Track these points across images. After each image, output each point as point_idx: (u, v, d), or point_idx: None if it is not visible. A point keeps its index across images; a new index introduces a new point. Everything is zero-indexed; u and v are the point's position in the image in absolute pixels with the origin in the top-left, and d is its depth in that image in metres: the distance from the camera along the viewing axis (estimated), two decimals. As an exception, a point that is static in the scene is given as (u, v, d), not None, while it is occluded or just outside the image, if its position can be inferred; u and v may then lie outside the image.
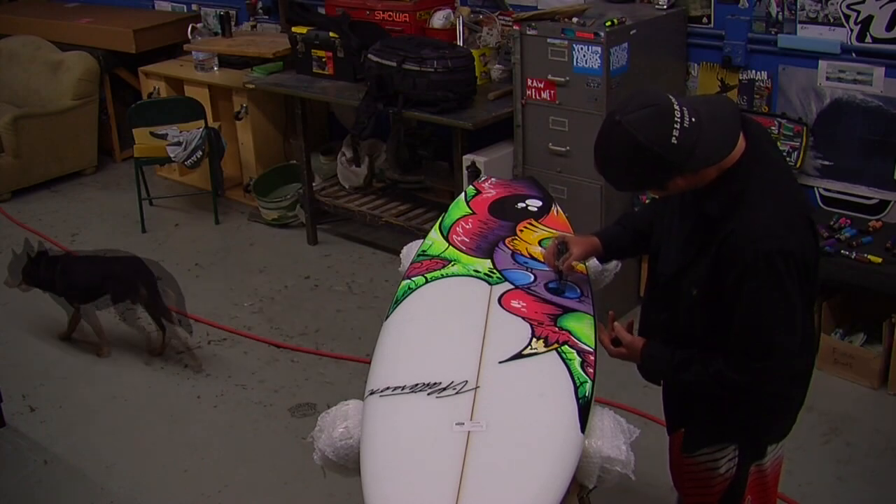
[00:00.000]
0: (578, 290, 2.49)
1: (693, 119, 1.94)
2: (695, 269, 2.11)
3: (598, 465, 1.97)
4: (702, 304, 2.11)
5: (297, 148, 5.20)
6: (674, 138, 1.91)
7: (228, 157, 5.73)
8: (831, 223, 3.91)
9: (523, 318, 2.33)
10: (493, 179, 3.25)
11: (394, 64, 4.30)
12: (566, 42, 3.89)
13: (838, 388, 3.72)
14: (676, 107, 1.94)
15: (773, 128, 4.03)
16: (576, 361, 2.16)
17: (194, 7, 6.62)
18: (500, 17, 4.71)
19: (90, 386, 4.04)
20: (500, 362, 2.16)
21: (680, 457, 2.39)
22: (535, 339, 2.23)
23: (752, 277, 1.97)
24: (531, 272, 2.57)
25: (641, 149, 1.93)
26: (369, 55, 4.45)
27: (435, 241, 2.77)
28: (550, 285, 2.49)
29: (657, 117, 1.93)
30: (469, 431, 1.94)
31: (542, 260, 2.60)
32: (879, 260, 3.62)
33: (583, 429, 1.97)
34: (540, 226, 2.88)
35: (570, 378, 2.10)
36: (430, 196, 4.97)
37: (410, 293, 2.49)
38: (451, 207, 3.00)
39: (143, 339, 4.28)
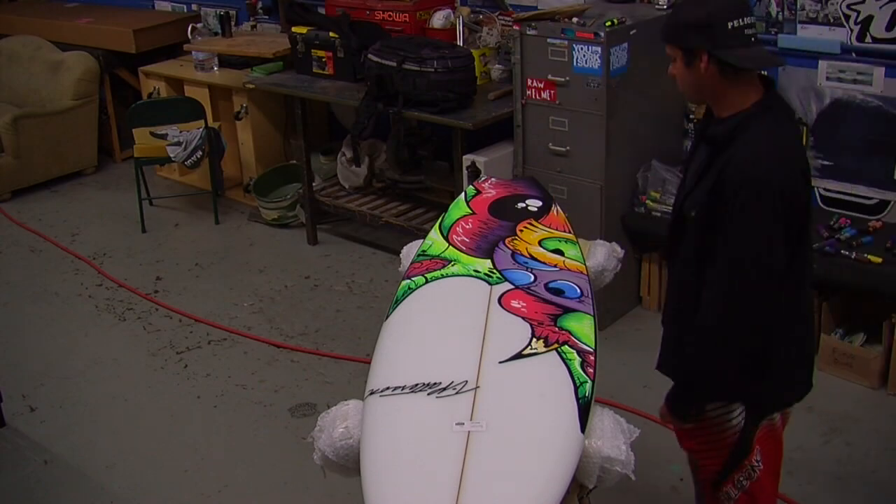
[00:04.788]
0: (578, 290, 2.49)
1: (754, 39, 2.18)
2: (698, 191, 2.24)
3: (598, 465, 1.97)
4: (698, 228, 2.23)
5: (297, 148, 5.20)
6: (731, 25, 2.14)
7: (228, 157, 5.74)
8: (831, 223, 3.91)
9: (523, 318, 2.32)
10: (493, 179, 3.25)
11: (394, 64, 4.30)
12: (566, 42, 3.89)
13: (838, 388, 3.72)
14: (751, 18, 2.18)
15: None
16: (576, 361, 2.15)
17: (194, 7, 6.62)
18: (500, 17, 4.71)
19: (90, 386, 4.03)
20: (500, 362, 2.16)
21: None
22: (535, 339, 2.23)
23: (735, 201, 2.10)
24: (531, 272, 2.57)
25: (704, 6, 2.17)
26: (369, 55, 4.45)
27: (435, 241, 2.77)
28: None
29: (737, 4, 2.18)
30: (469, 431, 1.93)
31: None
32: (879, 260, 3.62)
33: (583, 429, 1.97)
34: (540, 226, 2.88)
35: (570, 378, 2.10)
36: (430, 196, 4.96)
37: (410, 293, 2.49)
38: (451, 207, 3.00)
39: (144, 338, 4.27)
